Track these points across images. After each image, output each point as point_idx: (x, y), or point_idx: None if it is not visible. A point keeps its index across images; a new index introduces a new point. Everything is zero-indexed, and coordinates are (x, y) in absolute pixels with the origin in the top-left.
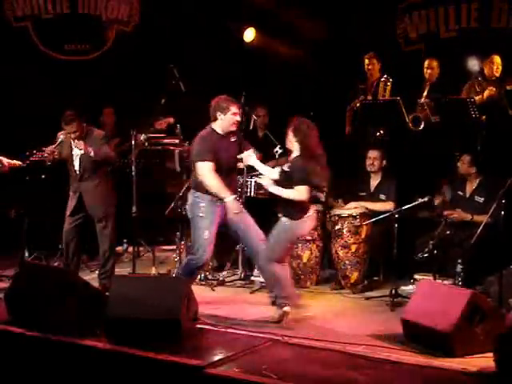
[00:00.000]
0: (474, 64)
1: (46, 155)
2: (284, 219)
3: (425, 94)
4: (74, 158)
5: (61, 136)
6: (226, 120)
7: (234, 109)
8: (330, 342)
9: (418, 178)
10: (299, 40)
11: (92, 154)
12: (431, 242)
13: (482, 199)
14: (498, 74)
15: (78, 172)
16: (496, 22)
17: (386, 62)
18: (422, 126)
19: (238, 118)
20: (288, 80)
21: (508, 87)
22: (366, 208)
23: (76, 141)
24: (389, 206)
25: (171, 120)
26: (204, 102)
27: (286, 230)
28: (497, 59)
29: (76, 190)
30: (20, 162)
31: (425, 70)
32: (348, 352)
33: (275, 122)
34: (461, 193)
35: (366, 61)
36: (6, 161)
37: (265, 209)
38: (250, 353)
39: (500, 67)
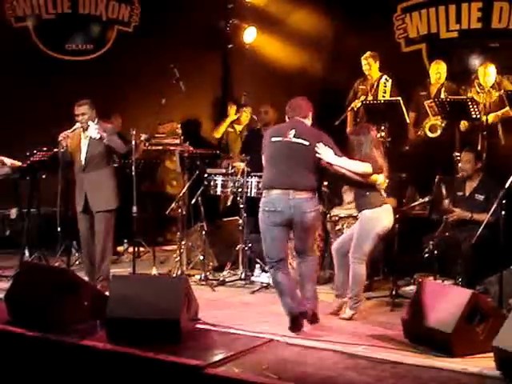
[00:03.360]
0: (473, 64)
1: (60, 139)
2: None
3: (442, 96)
4: (82, 147)
5: (78, 124)
6: None
7: None
8: (330, 342)
9: (419, 177)
10: (300, 40)
11: (105, 139)
12: (431, 242)
13: (482, 197)
14: (489, 84)
15: (83, 162)
16: (497, 22)
17: (386, 63)
18: (439, 132)
19: None
20: (288, 80)
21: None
22: None
23: (91, 123)
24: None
25: (175, 125)
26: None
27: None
28: (490, 69)
29: (80, 184)
30: (20, 163)
31: (433, 74)
32: (348, 352)
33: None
34: (460, 193)
35: (364, 61)
36: (8, 161)
37: None
38: (249, 353)
39: (492, 76)
